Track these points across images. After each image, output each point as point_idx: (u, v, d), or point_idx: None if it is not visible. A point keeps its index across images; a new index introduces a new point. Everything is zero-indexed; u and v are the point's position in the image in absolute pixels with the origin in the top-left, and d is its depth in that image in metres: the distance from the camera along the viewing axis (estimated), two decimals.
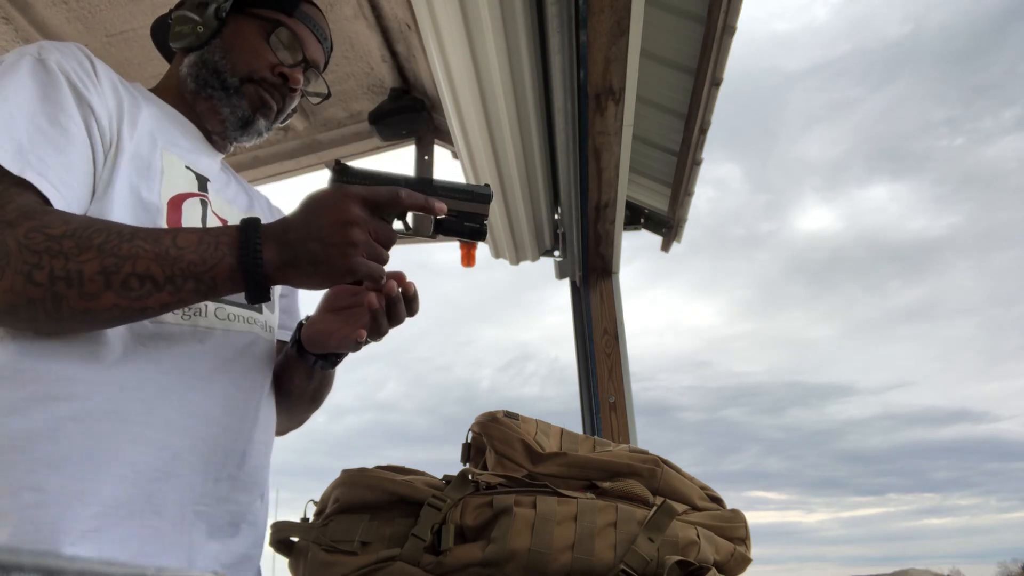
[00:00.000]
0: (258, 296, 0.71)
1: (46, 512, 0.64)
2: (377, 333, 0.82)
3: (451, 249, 2.81)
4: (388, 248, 0.75)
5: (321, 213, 0.71)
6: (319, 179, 2.97)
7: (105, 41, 2.13)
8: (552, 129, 2.03)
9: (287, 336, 1.00)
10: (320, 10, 1.02)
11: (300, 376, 0.94)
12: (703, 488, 0.96)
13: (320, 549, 0.84)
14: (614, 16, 1.41)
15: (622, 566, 0.77)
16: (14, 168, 0.66)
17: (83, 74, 0.77)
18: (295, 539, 0.90)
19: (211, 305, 0.82)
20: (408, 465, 0.98)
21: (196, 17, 0.92)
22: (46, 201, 0.68)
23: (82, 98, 0.75)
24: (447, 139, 2.77)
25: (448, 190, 0.79)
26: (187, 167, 0.87)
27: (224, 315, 0.84)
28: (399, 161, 2.98)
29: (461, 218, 0.79)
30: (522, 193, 2.27)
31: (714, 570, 0.81)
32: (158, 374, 0.75)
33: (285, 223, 0.72)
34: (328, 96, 1.03)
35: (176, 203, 0.82)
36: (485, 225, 0.79)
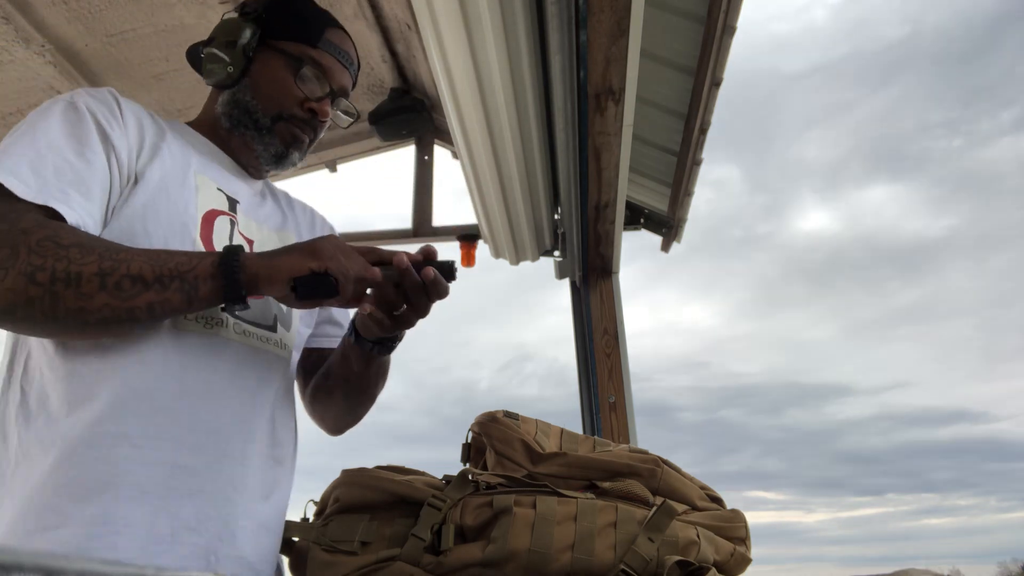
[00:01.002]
0: (234, 293, 0.75)
1: (67, 532, 0.71)
2: (391, 310, 0.85)
3: (451, 250, 2.81)
4: (360, 271, 0.80)
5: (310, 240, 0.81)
6: (319, 179, 2.97)
7: (105, 41, 2.13)
8: (552, 129, 2.03)
9: (332, 343, 1.08)
10: (344, 31, 1.04)
11: (357, 363, 0.97)
12: (703, 488, 0.96)
13: (320, 549, 0.84)
14: (614, 16, 1.41)
15: (622, 566, 0.77)
16: (38, 200, 0.73)
17: (109, 115, 0.84)
18: (295, 539, 0.90)
19: (230, 320, 0.86)
20: (407, 465, 0.98)
21: (225, 56, 0.96)
22: (64, 220, 0.75)
23: (106, 136, 0.82)
24: (447, 139, 2.77)
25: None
26: (219, 188, 0.93)
27: (241, 330, 0.87)
28: (399, 161, 2.98)
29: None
30: (522, 193, 2.27)
31: (714, 570, 0.81)
32: (170, 394, 0.79)
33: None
34: (357, 118, 1.07)
35: (209, 218, 0.88)
36: (453, 267, 0.85)
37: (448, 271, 0.84)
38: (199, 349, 0.82)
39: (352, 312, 1.02)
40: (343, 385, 1.01)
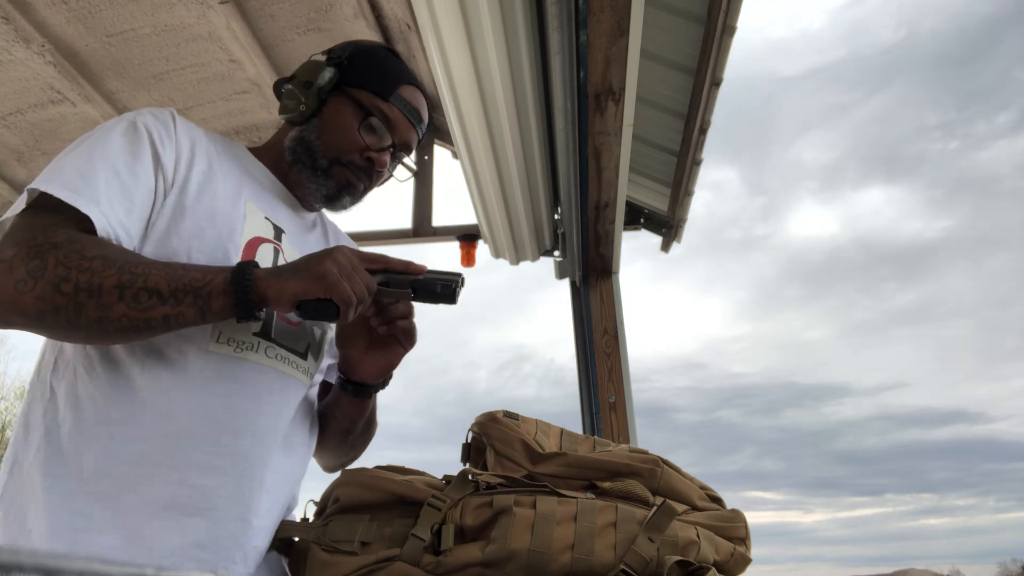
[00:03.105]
0: (245, 310, 0.78)
1: (88, 537, 0.75)
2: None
3: (451, 250, 2.80)
4: (367, 289, 0.83)
5: (318, 251, 0.84)
6: None
7: (105, 41, 2.13)
8: (552, 129, 2.03)
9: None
10: (421, 90, 1.06)
11: (344, 404, 1.01)
12: (703, 488, 0.96)
13: (320, 549, 0.84)
14: (614, 16, 1.41)
15: (622, 566, 0.77)
16: (83, 208, 0.77)
17: (164, 132, 0.90)
18: (295, 539, 0.90)
19: (262, 344, 0.88)
20: (406, 466, 0.98)
21: (300, 95, 1.00)
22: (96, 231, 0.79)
23: (157, 153, 0.87)
24: (447, 139, 2.77)
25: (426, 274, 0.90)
26: (266, 217, 0.96)
27: (274, 354, 0.90)
28: None
29: (435, 281, 0.88)
30: (522, 193, 2.27)
31: (714, 570, 0.81)
32: (194, 417, 0.81)
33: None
34: (416, 174, 1.12)
35: (252, 245, 0.91)
36: (456, 287, 0.87)
37: (448, 291, 0.87)
38: (227, 373, 0.85)
39: None
40: (330, 425, 1.04)
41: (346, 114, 0.99)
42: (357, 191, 1.03)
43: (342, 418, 1.03)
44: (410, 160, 1.08)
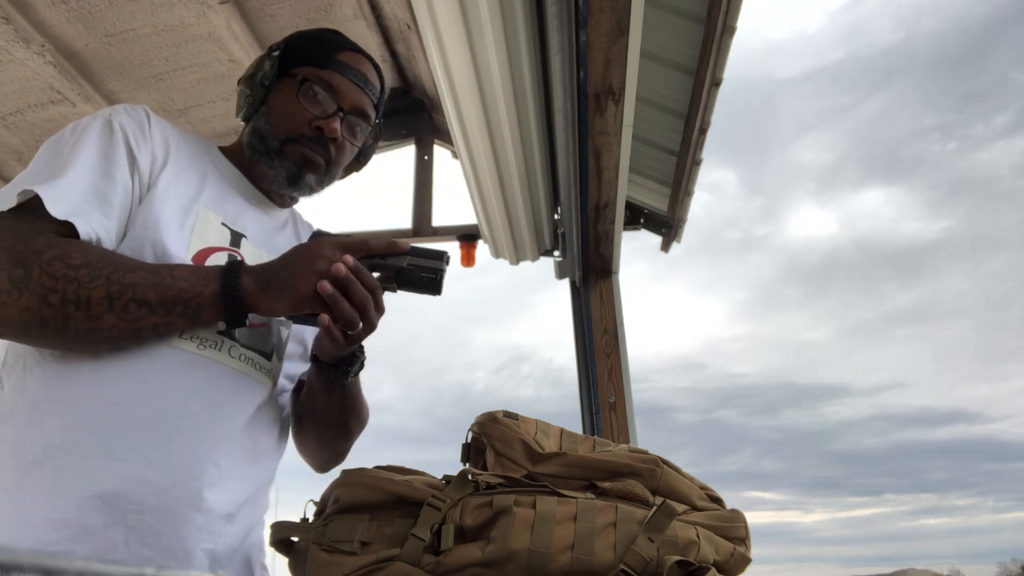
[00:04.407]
0: (235, 320, 0.79)
1: (21, 530, 0.72)
2: (348, 323, 0.82)
3: (451, 250, 2.81)
4: (370, 289, 0.81)
5: (298, 250, 0.83)
6: None
7: (105, 41, 2.12)
8: (552, 129, 2.03)
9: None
10: (364, 55, 1.04)
11: (320, 390, 0.97)
12: (703, 488, 0.96)
13: (320, 549, 0.84)
14: (614, 16, 1.41)
15: (622, 566, 0.77)
16: (62, 216, 0.76)
17: (138, 132, 0.88)
18: (295, 539, 0.90)
19: (227, 343, 0.87)
20: (405, 466, 0.98)
21: (247, 89, 1.00)
22: (77, 236, 0.77)
23: (132, 154, 0.86)
24: (447, 139, 2.77)
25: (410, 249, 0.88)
26: (223, 224, 0.94)
27: (238, 354, 0.88)
28: (399, 161, 2.98)
29: (419, 270, 0.85)
30: (522, 193, 2.27)
31: (714, 570, 0.81)
32: (150, 412, 0.79)
33: (268, 261, 0.84)
34: (379, 137, 1.10)
35: (202, 256, 0.89)
36: (441, 277, 0.85)
37: (434, 283, 0.85)
38: (189, 370, 0.82)
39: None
40: (311, 416, 1.00)
41: (288, 92, 0.98)
42: (318, 166, 0.99)
43: (323, 405, 0.98)
44: (364, 123, 1.04)
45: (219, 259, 0.90)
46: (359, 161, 1.13)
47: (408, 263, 0.85)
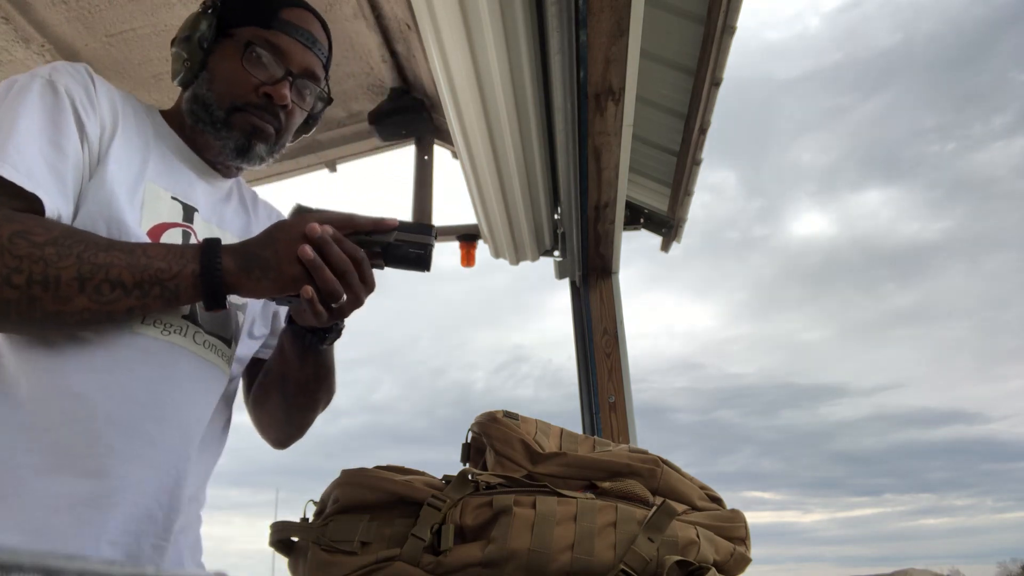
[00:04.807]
0: (215, 302, 0.75)
1: None
2: (332, 297, 0.78)
3: (450, 251, 2.80)
4: (353, 258, 0.77)
5: (280, 228, 0.78)
6: (319, 179, 2.97)
7: (105, 41, 2.12)
8: (552, 129, 2.03)
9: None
10: (310, 11, 0.98)
11: (293, 355, 0.93)
12: (703, 488, 0.96)
13: (320, 549, 0.84)
14: (614, 16, 1.41)
15: (622, 566, 0.77)
16: (31, 189, 0.70)
17: (85, 99, 0.81)
18: (295, 539, 0.90)
19: (190, 328, 0.83)
20: (405, 466, 0.98)
21: (184, 53, 0.92)
22: (37, 211, 0.72)
23: (81, 122, 0.79)
24: (447, 139, 2.77)
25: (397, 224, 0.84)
26: (173, 198, 0.88)
27: (201, 340, 0.85)
28: (399, 161, 2.98)
29: (407, 245, 0.82)
30: (522, 193, 2.26)
31: (714, 570, 0.81)
32: (112, 401, 0.75)
33: (247, 240, 0.79)
34: (330, 101, 1.02)
35: (156, 233, 0.83)
36: (429, 252, 0.82)
37: (422, 259, 0.81)
38: (151, 356, 0.79)
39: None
40: (280, 384, 0.97)
41: (230, 55, 0.90)
42: (267, 135, 0.92)
43: (294, 372, 0.95)
44: (317, 87, 0.97)
45: (174, 236, 0.85)
46: (308, 125, 1.05)
47: (395, 238, 0.82)
